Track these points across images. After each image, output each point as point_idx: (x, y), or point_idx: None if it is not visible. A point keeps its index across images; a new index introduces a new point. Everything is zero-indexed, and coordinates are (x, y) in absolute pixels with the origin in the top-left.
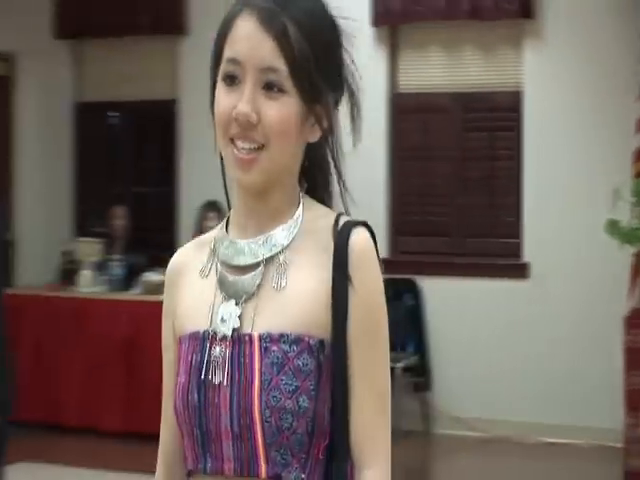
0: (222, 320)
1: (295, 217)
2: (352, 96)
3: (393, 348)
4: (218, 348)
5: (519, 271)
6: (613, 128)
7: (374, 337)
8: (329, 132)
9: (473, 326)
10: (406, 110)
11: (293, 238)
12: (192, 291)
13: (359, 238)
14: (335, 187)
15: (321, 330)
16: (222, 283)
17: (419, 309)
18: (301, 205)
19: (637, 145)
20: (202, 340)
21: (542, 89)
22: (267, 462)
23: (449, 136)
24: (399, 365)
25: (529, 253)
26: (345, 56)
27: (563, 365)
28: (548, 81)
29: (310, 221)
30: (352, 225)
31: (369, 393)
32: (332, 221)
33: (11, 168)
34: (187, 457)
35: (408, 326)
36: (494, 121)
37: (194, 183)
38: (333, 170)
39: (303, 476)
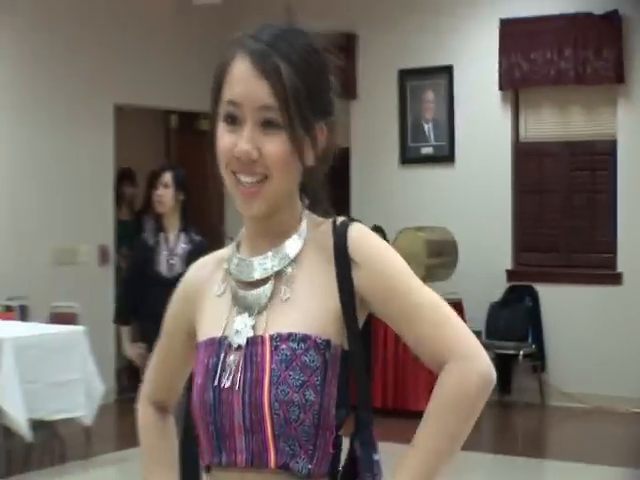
0: (237, 332)
1: (299, 231)
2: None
3: (512, 337)
4: (232, 356)
5: (614, 279)
6: None
7: (395, 286)
8: (324, 153)
9: (578, 321)
10: (526, 155)
11: (300, 249)
12: (210, 306)
13: (355, 228)
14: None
15: (328, 331)
16: (236, 298)
17: (536, 309)
18: (304, 220)
19: None
20: (218, 347)
21: (632, 138)
22: (276, 453)
23: (559, 175)
24: (521, 352)
25: (622, 265)
26: (331, 78)
27: None
28: (636, 132)
29: (312, 231)
30: (347, 222)
31: (421, 320)
32: (330, 224)
33: None
34: (204, 453)
35: (527, 322)
36: (594, 163)
37: None
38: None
39: (310, 466)
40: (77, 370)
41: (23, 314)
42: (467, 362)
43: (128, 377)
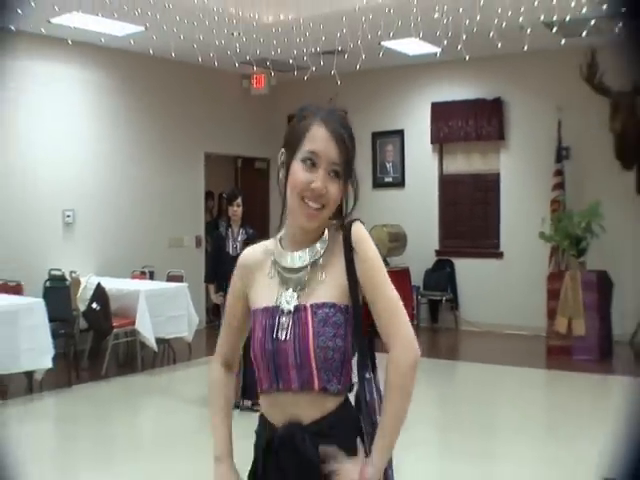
0: (287, 302)
1: (325, 235)
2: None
3: (438, 289)
4: (284, 319)
5: (498, 255)
6: (541, 186)
7: (377, 276)
8: (353, 189)
9: (477, 280)
10: (446, 182)
11: (325, 247)
12: (263, 283)
13: (355, 228)
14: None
15: (345, 300)
16: (283, 279)
17: (453, 273)
18: (326, 229)
19: (551, 197)
20: (272, 312)
21: (508, 172)
22: (319, 380)
23: (466, 194)
24: (444, 298)
25: (503, 247)
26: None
27: (515, 275)
28: (511, 169)
29: (332, 234)
30: (350, 222)
31: (383, 301)
32: (341, 226)
33: None
34: (262, 381)
35: (447, 281)
36: (487, 187)
37: None
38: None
39: (339, 387)
40: (183, 308)
41: (151, 276)
42: (403, 352)
43: (212, 313)
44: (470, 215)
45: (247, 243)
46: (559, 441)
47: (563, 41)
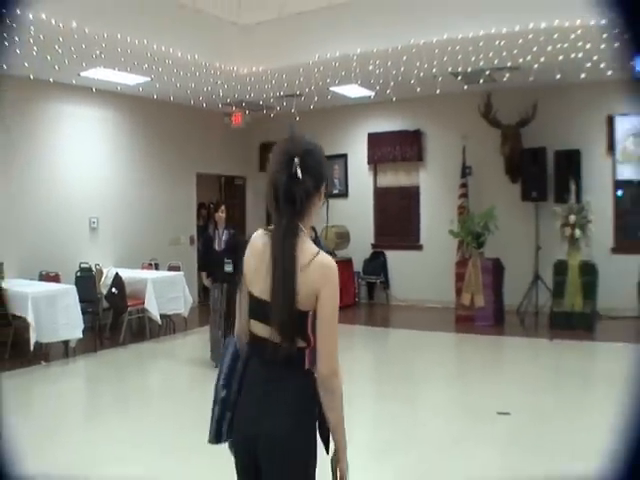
0: None
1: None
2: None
3: (374, 274)
4: None
5: (419, 248)
6: (451, 196)
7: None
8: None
9: (403, 267)
10: (380, 193)
11: None
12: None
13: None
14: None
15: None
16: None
17: (385, 261)
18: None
19: (458, 204)
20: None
21: (425, 185)
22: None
23: (394, 203)
24: (378, 281)
25: (422, 241)
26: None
27: (431, 263)
28: (427, 182)
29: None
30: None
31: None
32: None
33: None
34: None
35: (381, 267)
36: (410, 197)
37: None
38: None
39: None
40: (180, 291)
41: (156, 267)
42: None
43: (203, 294)
44: (397, 218)
45: (229, 241)
46: (466, 386)
47: (466, 87)
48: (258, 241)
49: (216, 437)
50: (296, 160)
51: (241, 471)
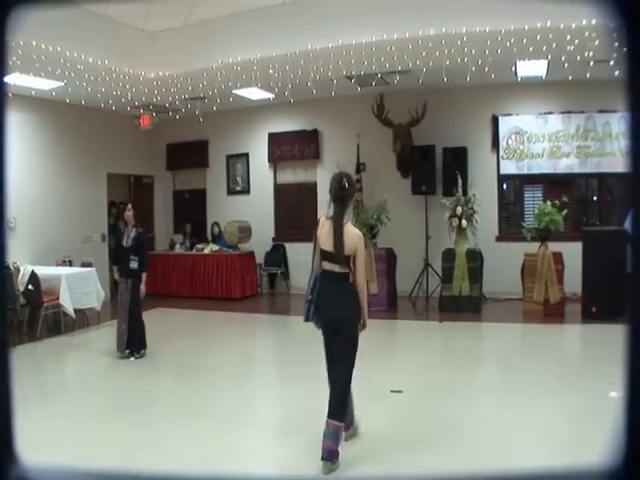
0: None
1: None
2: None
3: (274, 265)
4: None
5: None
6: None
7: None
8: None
9: (301, 259)
10: (279, 190)
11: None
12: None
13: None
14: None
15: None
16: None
17: (285, 253)
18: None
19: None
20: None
21: (322, 182)
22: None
23: (293, 198)
24: (279, 271)
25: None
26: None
27: None
28: (324, 179)
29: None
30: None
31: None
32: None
33: None
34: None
35: (281, 259)
36: (309, 193)
37: None
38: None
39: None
40: (92, 286)
41: (70, 263)
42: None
43: (114, 289)
44: (296, 213)
45: (135, 239)
46: (362, 366)
47: (359, 89)
48: (325, 222)
49: (306, 319)
50: (344, 180)
51: (325, 335)
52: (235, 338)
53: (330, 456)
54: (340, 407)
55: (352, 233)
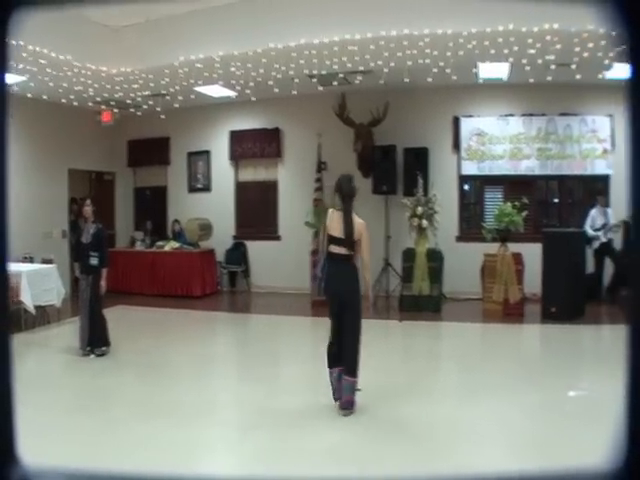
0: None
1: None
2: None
3: (235, 263)
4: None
5: (277, 238)
6: (307, 189)
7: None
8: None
9: (263, 255)
10: (241, 188)
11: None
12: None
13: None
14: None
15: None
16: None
17: (245, 251)
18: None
19: (313, 197)
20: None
21: (283, 179)
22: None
23: (255, 196)
24: (240, 270)
25: (280, 232)
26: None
27: (289, 252)
28: (285, 177)
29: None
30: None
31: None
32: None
33: None
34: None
35: (242, 257)
36: (269, 191)
37: None
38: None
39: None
40: (53, 283)
41: (30, 260)
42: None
43: (75, 285)
44: (257, 210)
45: (95, 235)
46: (321, 365)
47: (321, 88)
48: (334, 212)
49: (318, 293)
50: (353, 180)
51: (333, 307)
52: (196, 337)
53: (350, 405)
54: (354, 364)
55: (358, 222)
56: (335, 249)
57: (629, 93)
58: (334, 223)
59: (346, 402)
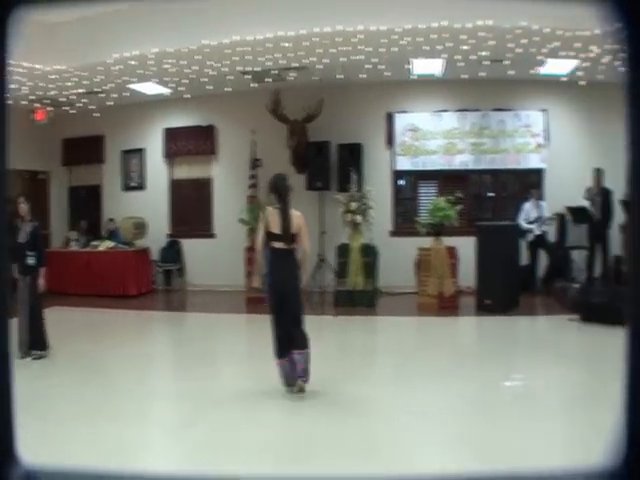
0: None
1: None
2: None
3: (170, 262)
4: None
5: (212, 236)
6: (241, 186)
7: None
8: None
9: (197, 254)
10: (175, 186)
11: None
12: (274, 221)
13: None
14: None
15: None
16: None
17: (180, 249)
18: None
19: (247, 194)
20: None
21: (217, 178)
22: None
23: (188, 194)
24: (175, 268)
25: (215, 230)
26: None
27: (224, 249)
28: (220, 174)
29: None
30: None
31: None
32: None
33: None
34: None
35: (177, 255)
36: (202, 189)
37: None
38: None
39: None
40: None
41: None
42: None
43: (14, 287)
44: (192, 208)
45: (31, 234)
46: (257, 362)
47: (256, 84)
48: (273, 210)
49: (263, 287)
50: (287, 179)
51: (277, 300)
52: (132, 337)
53: (304, 373)
54: (304, 339)
55: (296, 215)
56: (277, 244)
57: (629, 93)
58: (273, 220)
59: (302, 370)
